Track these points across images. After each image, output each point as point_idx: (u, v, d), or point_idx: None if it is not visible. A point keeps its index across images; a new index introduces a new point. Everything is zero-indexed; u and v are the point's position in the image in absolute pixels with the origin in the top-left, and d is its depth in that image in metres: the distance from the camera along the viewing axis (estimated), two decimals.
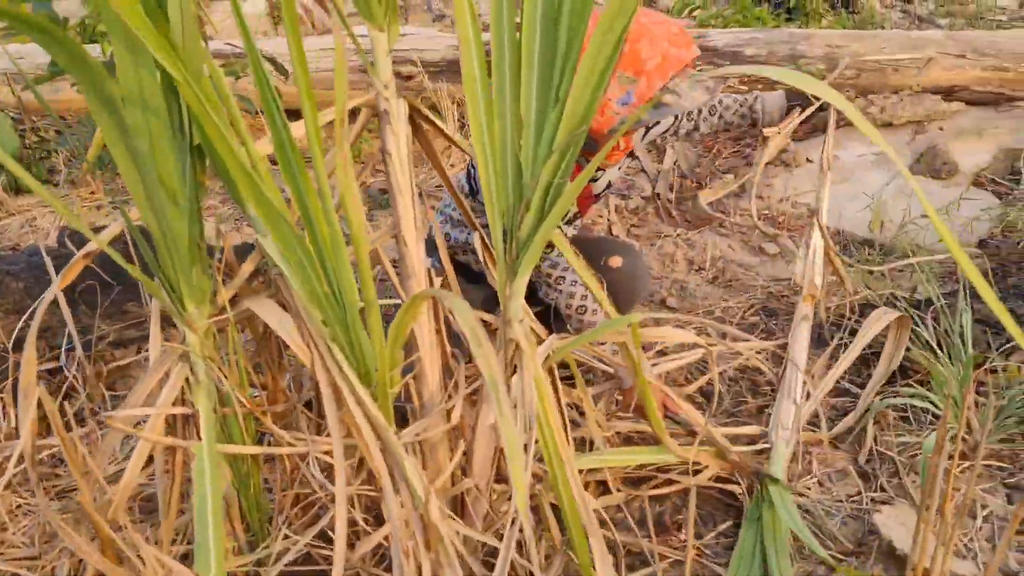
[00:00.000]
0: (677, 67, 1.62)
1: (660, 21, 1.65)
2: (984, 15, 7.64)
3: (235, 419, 1.30)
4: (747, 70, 1.04)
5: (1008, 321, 0.85)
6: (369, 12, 1.22)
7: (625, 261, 2.00)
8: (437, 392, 1.46)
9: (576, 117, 1.18)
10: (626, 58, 1.61)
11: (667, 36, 1.62)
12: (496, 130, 1.26)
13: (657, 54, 1.61)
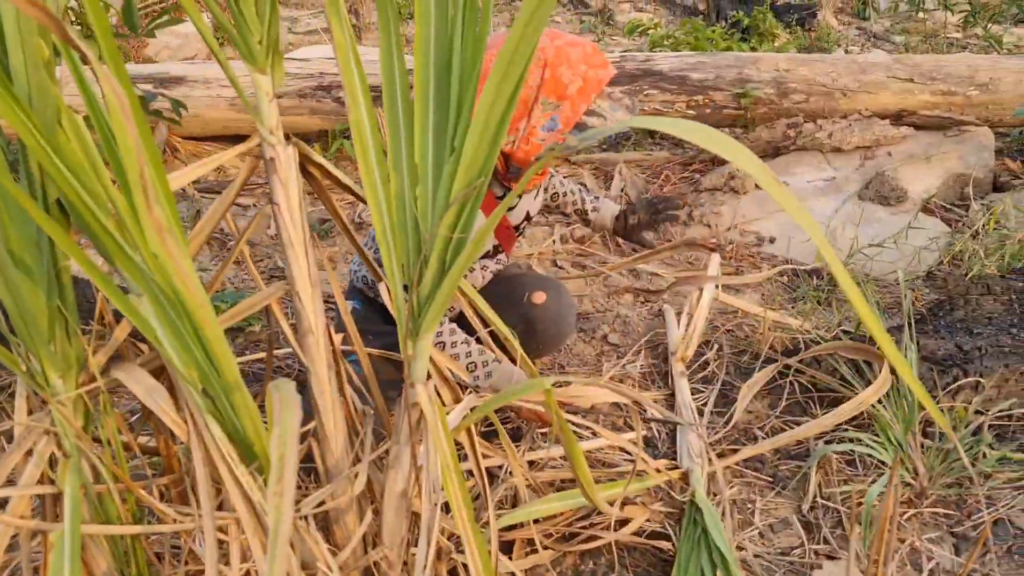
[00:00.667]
0: (598, 88, 1.60)
1: (574, 43, 1.61)
2: (939, 33, 7.74)
3: (110, 496, 1.18)
4: (651, 123, 0.96)
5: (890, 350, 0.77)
6: (250, 54, 1.12)
7: (549, 297, 1.93)
8: (343, 456, 1.36)
9: (474, 168, 1.09)
10: (548, 84, 1.59)
11: (584, 58, 1.59)
12: (392, 181, 1.16)
13: (577, 77, 1.58)
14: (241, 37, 1.12)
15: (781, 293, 2.76)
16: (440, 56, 1.08)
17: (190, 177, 1.04)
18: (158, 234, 0.75)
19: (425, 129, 1.13)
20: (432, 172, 1.14)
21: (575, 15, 8.99)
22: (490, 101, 1.04)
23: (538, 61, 1.59)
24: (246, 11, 1.10)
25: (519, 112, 1.59)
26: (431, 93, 1.11)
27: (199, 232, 1.21)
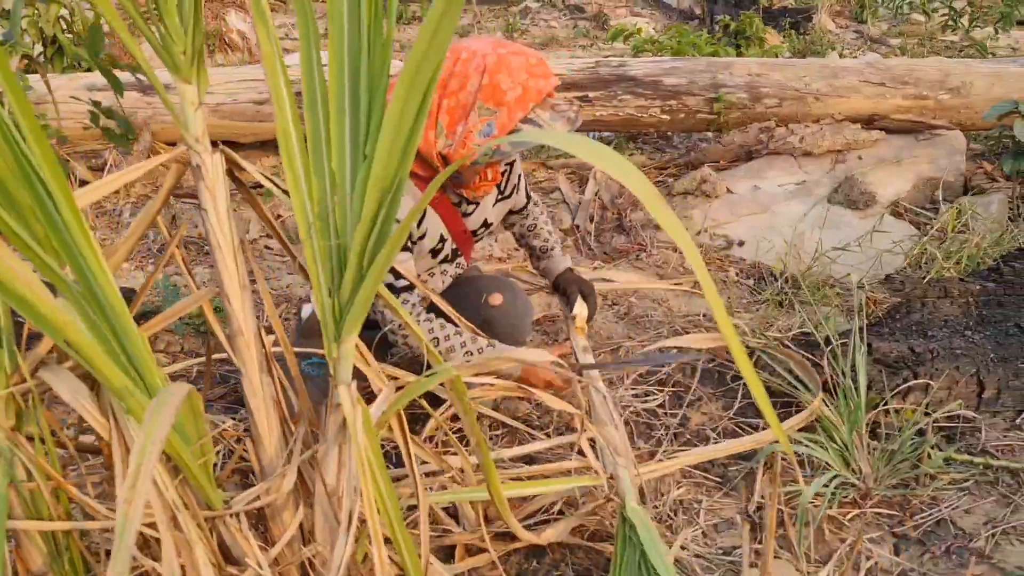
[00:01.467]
0: (537, 98, 1.62)
1: (518, 52, 1.63)
2: (935, 36, 7.77)
3: (40, 493, 1.21)
4: (546, 139, 0.99)
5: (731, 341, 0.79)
6: (174, 64, 1.16)
7: (505, 298, 1.96)
8: (276, 456, 1.39)
9: (386, 176, 1.11)
10: (486, 90, 1.61)
11: (526, 67, 1.61)
12: (314, 188, 1.19)
13: (517, 85, 1.60)
14: (165, 49, 1.15)
15: (746, 296, 2.78)
16: (352, 64, 1.11)
17: (109, 188, 1.08)
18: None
19: (341, 136, 1.16)
20: (349, 179, 1.18)
21: (570, 20, 9.03)
22: (399, 110, 1.06)
23: (479, 68, 1.62)
24: (170, 24, 1.14)
25: (456, 116, 1.62)
26: (346, 101, 1.14)
27: (129, 237, 1.24)
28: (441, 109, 1.63)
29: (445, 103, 1.63)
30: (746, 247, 3.04)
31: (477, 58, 1.62)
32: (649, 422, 2.15)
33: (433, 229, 1.81)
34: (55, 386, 1.13)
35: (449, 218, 1.83)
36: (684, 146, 4.11)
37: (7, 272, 0.91)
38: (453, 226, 1.85)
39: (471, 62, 1.62)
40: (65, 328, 1.00)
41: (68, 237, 1.00)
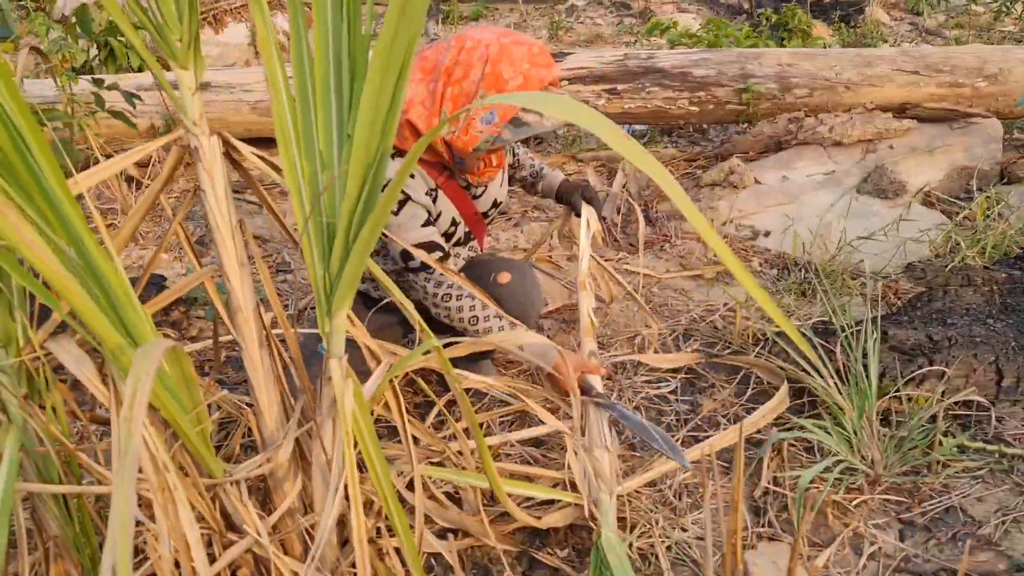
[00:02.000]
0: (538, 86, 1.65)
1: (520, 42, 1.66)
2: (992, 26, 7.56)
3: (51, 459, 1.29)
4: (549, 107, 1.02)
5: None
6: (171, 51, 1.22)
7: (513, 277, 1.99)
8: (277, 428, 1.45)
9: (367, 154, 1.16)
10: (488, 78, 1.65)
11: (528, 57, 1.65)
12: (304, 168, 1.25)
13: (518, 74, 1.63)
14: (163, 37, 1.21)
15: (768, 285, 2.77)
16: (336, 54, 1.16)
17: (109, 171, 1.14)
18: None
19: (328, 120, 1.21)
20: (336, 158, 1.23)
21: (616, 17, 9.01)
22: (376, 90, 1.11)
23: (482, 57, 1.66)
24: (166, 12, 1.20)
25: (460, 104, 1.66)
26: (331, 88, 1.19)
27: (132, 216, 1.31)
28: (445, 97, 1.67)
29: (449, 91, 1.67)
30: (772, 237, 3.02)
31: (480, 48, 1.66)
32: (660, 408, 2.17)
33: (445, 212, 1.86)
34: (60, 356, 1.20)
35: (460, 202, 1.88)
36: (719, 139, 4.09)
37: (23, 242, 0.98)
38: (464, 209, 1.90)
39: (475, 51, 1.65)
40: (68, 293, 1.06)
41: (64, 214, 1.07)
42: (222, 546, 1.41)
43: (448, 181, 1.85)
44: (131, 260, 3.19)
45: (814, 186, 3.21)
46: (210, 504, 1.37)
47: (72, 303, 1.07)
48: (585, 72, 3.67)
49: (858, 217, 3.00)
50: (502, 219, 3.40)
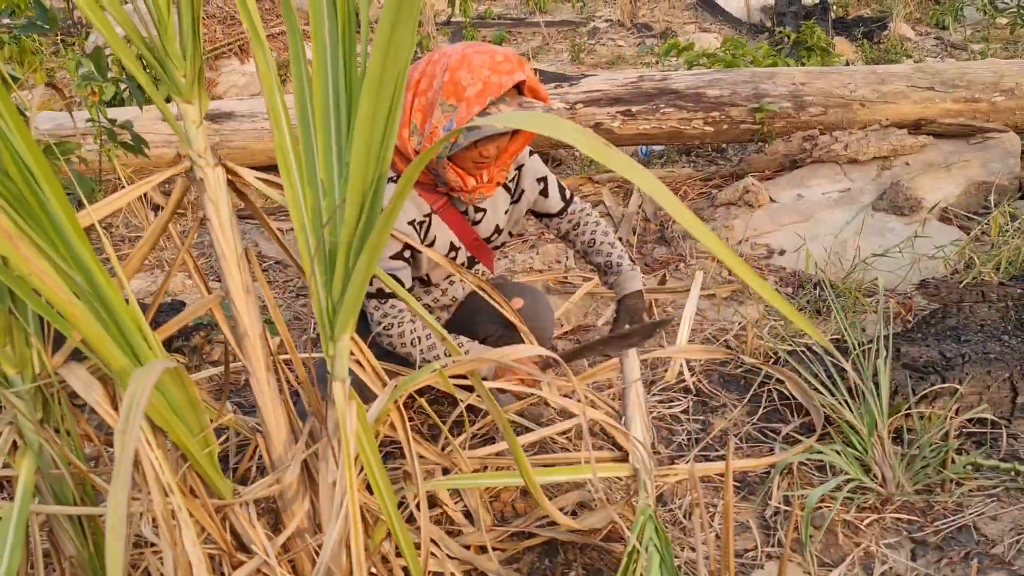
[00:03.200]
0: (496, 92, 1.64)
1: (484, 51, 1.67)
2: (1020, 39, 7.50)
3: (65, 481, 1.33)
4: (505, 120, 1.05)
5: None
6: (176, 87, 1.27)
7: (527, 302, 2.01)
8: (285, 450, 1.48)
9: (364, 180, 1.19)
10: (447, 86, 1.66)
11: (489, 64, 1.65)
12: (307, 196, 1.29)
13: (477, 81, 1.64)
14: (167, 73, 1.26)
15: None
16: (334, 83, 1.20)
17: (108, 209, 1.19)
18: (7, 240, 0.89)
19: (328, 148, 1.25)
20: (337, 186, 1.26)
21: (638, 38, 9.05)
22: (369, 118, 1.15)
23: (443, 67, 1.68)
24: (170, 50, 1.25)
25: (425, 114, 1.68)
26: (330, 116, 1.23)
27: (141, 246, 1.36)
28: (413, 108, 1.69)
29: (416, 102, 1.69)
30: (787, 256, 3.02)
31: (443, 58, 1.68)
32: (671, 427, 2.17)
33: (442, 237, 1.88)
34: (71, 381, 1.24)
35: (458, 227, 1.89)
36: (737, 158, 4.10)
37: (34, 273, 1.02)
38: (464, 235, 1.90)
39: (438, 63, 1.68)
40: (77, 321, 1.11)
41: (72, 246, 1.12)
42: (232, 567, 1.44)
43: (447, 207, 1.87)
44: (156, 286, 3.27)
45: (829, 204, 3.20)
46: (219, 525, 1.40)
47: (82, 330, 1.11)
48: (600, 95, 3.71)
49: (874, 234, 2.99)
50: (517, 240, 3.44)
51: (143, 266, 3.36)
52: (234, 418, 1.44)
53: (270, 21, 6.97)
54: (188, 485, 1.38)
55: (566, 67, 6.99)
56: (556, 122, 0.94)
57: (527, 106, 1.70)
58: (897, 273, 2.73)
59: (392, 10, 0.94)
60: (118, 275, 1.25)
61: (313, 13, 1.19)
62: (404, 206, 1.81)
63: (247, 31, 1.26)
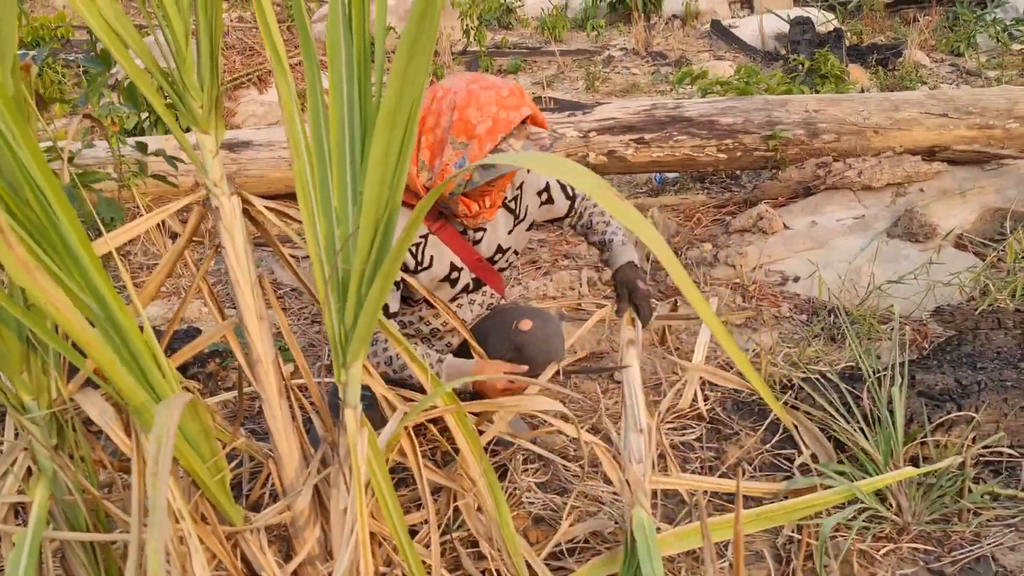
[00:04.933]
0: (506, 128, 1.68)
1: (489, 86, 1.70)
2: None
3: (78, 506, 1.34)
4: (512, 160, 1.06)
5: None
6: (193, 117, 1.29)
7: (535, 324, 2.01)
8: (297, 476, 1.48)
9: (378, 209, 1.21)
10: (457, 125, 1.69)
11: (496, 100, 1.68)
12: (321, 225, 1.30)
13: (487, 118, 1.67)
14: (184, 104, 1.29)
15: (798, 331, 2.76)
16: (350, 114, 1.23)
17: (125, 237, 1.21)
18: (26, 271, 0.91)
19: (342, 177, 1.27)
20: (350, 215, 1.28)
21: (653, 67, 9.11)
22: (382, 151, 1.17)
23: (450, 105, 1.71)
24: (188, 82, 1.28)
25: (435, 151, 1.71)
26: (345, 146, 1.26)
27: (157, 274, 1.38)
28: (421, 145, 1.72)
29: (424, 139, 1.72)
30: (801, 282, 3.01)
31: (449, 96, 1.71)
32: (685, 455, 2.16)
33: (441, 258, 1.89)
34: (86, 408, 1.26)
35: (458, 247, 1.90)
36: (751, 184, 4.10)
37: (52, 305, 1.04)
38: (465, 255, 1.92)
39: (444, 99, 1.71)
40: (94, 352, 1.12)
41: (88, 275, 1.13)
42: None
43: (444, 227, 1.88)
44: (173, 313, 3.30)
45: (843, 230, 3.20)
46: (230, 552, 1.40)
47: (97, 360, 1.13)
48: (613, 123, 3.73)
49: (888, 261, 2.98)
50: (530, 267, 3.45)
51: (160, 293, 3.40)
52: (246, 443, 1.44)
53: (288, 52, 7.08)
54: (199, 511, 1.39)
55: (581, 95, 7.04)
56: (571, 167, 0.95)
57: (535, 137, 1.72)
58: (912, 300, 2.71)
59: (409, 42, 0.96)
60: (133, 302, 1.27)
61: (330, 44, 1.22)
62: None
63: (270, 59, 1.28)
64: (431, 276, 1.90)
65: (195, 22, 1.24)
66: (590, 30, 8.85)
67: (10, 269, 0.89)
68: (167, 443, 0.95)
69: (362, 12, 1.18)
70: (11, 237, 0.87)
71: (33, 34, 6.98)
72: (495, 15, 9.43)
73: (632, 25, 8.80)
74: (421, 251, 1.87)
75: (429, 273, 1.90)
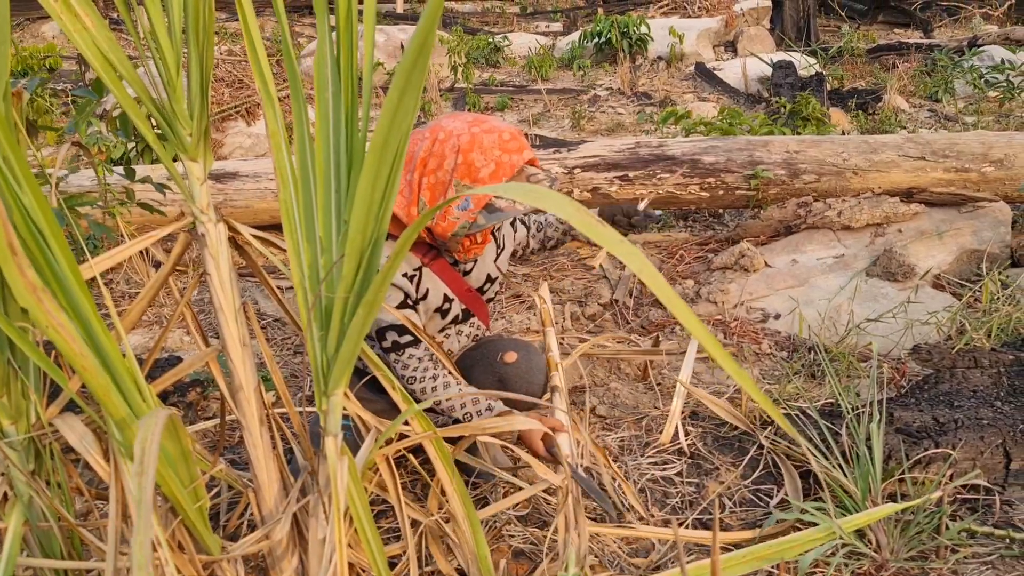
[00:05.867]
0: (510, 172, 1.74)
1: (490, 130, 1.75)
2: (1012, 112, 7.65)
3: (54, 534, 1.33)
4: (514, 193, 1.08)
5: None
6: (182, 146, 1.31)
7: (519, 356, 2.03)
8: (276, 505, 1.48)
9: (363, 238, 1.22)
10: (461, 168, 1.74)
11: (498, 144, 1.73)
12: (305, 252, 1.32)
13: (490, 161, 1.72)
14: (174, 132, 1.31)
15: (778, 367, 2.78)
16: (336, 145, 1.25)
17: (110, 262, 1.22)
18: (32, 293, 0.91)
19: (327, 206, 1.29)
20: (335, 243, 1.30)
21: (638, 106, 9.24)
22: (371, 180, 1.18)
23: (454, 148, 1.75)
24: (178, 110, 1.29)
25: (436, 193, 1.75)
26: (331, 176, 1.27)
27: (140, 300, 1.38)
28: (422, 186, 1.76)
29: (425, 181, 1.76)
30: (782, 320, 3.04)
31: (452, 138, 1.75)
32: (666, 490, 2.16)
33: (435, 290, 1.92)
34: (65, 433, 1.26)
35: (450, 279, 1.94)
36: (734, 223, 4.15)
37: (53, 326, 1.04)
38: (455, 286, 1.95)
39: (447, 142, 1.75)
40: (87, 374, 1.12)
41: (76, 298, 1.14)
42: None
43: (435, 259, 1.92)
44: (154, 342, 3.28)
45: (824, 269, 3.24)
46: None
47: (90, 384, 1.13)
48: (598, 160, 3.78)
49: (867, 300, 3.02)
50: (515, 301, 3.46)
51: (142, 321, 3.39)
52: (226, 470, 1.44)
53: (276, 84, 7.14)
54: (176, 539, 1.38)
55: (567, 133, 7.11)
56: (566, 204, 0.97)
57: (534, 179, 1.77)
58: (890, 338, 2.75)
59: (402, 79, 0.98)
60: (116, 328, 1.27)
61: (318, 78, 1.24)
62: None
63: (259, 91, 1.31)
64: (426, 307, 1.94)
65: (186, 54, 1.27)
66: (576, 70, 8.97)
67: (18, 291, 0.90)
68: (152, 446, 0.95)
69: (350, 48, 1.20)
70: (23, 261, 0.87)
71: (22, 63, 7.01)
72: (483, 53, 9.55)
73: (618, 66, 8.93)
74: (417, 284, 1.90)
75: (425, 304, 1.93)
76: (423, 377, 1.86)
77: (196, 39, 1.24)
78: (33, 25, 11.03)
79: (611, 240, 0.92)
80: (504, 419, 1.61)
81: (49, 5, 1.14)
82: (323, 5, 1.19)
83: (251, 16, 1.23)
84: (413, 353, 1.85)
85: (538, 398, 2.11)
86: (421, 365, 1.86)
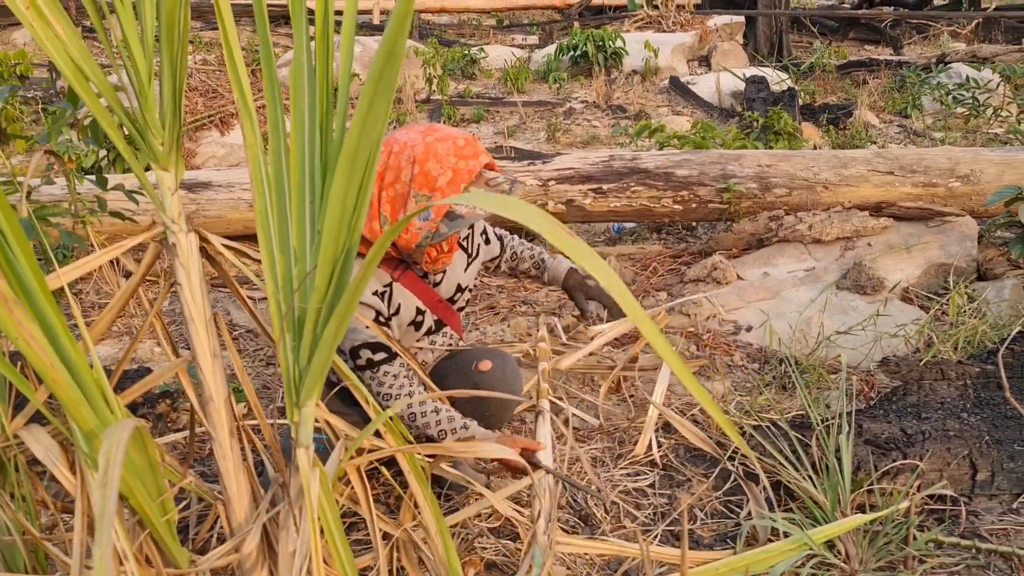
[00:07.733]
0: (467, 178, 1.74)
1: (444, 137, 1.75)
2: (979, 128, 7.78)
3: (17, 548, 1.30)
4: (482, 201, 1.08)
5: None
6: (154, 155, 1.30)
7: (494, 365, 2.03)
8: (246, 518, 1.46)
9: (336, 248, 1.22)
10: (418, 178, 1.73)
11: (454, 151, 1.73)
12: (279, 263, 1.31)
13: (447, 169, 1.72)
14: (145, 141, 1.30)
15: (750, 379, 2.80)
16: (311, 155, 1.24)
17: (79, 272, 1.21)
18: (3, 304, 0.90)
19: (301, 216, 1.28)
20: (308, 254, 1.29)
21: (613, 120, 9.29)
22: (342, 190, 1.18)
23: (409, 159, 1.75)
24: (150, 119, 1.29)
25: (397, 206, 1.75)
26: (305, 186, 1.27)
27: (108, 311, 1.37)
28: (382, 200, 1.75)
29: (384, 194, 1.76)
30: (754, 332, 3.07)
31: (407, 150, 1.75)
32: (638, 501, 2.17)
33: (407, 303, 1.91)
34: (31, 445, 1.24)
35: (420, 291, 1.93)
36: (707, 236, 4.19)
37: (23, 337, 1.03)
38: (426, 298, 1.95)
39: (402, 154, 1.75)
40: (56, 386, 1.11)
41: (42, 309, 1.13)
42: None
43: (404, 273, 1.92)
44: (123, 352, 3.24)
45: (795, 282, 3.28)
46: None
47: (60, 396, 1.12)
48: (572, 172, 3.80)
49: (837, 312, 3.05)
50: (489, 313, 3.47)
51: (112, 332, 3.35)
52: (195, 482, 1.42)
53: (252, 94, 7.10)
54: (144, 553, 1.36)
55: (542, 145, 7.14)
56: (530, 211, 0.98)
57: (493, 183, 1.77)
58: (860, 350, 2.78)
59: (371, 87, 0.99)
60: (84, 338, 1.26)
61: (294, 88, 1.24)
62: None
63: (236, 101, 1.30)
64: (399, 322, 1.93)
65: (159, 63, 1.26)
66: (552, 83, 9.02)
67: None
68: (117, 456, 0.94)
69: (326, 58, 1.20)
70: None
71: None
72: (459, 65, 9.57)
73: (593, 79, 8.99)
74: (388, 300, 1.89)
75: (398, 319, 1.93)
76: (399, 395, 1.86)
77: (169, 48, 1.23)
78: (4, 32, 10.90)
79: (581, 252, 0.93)
80: (480, 445, 1.61)
81: (20, 12, 1.13)
82: (302, 15, 1.19)
83: (231, 26, 1.23)
84: (388, 370, 1.85)
85: (515, 403, 2.12)
86: (396, 382, 1.86)
